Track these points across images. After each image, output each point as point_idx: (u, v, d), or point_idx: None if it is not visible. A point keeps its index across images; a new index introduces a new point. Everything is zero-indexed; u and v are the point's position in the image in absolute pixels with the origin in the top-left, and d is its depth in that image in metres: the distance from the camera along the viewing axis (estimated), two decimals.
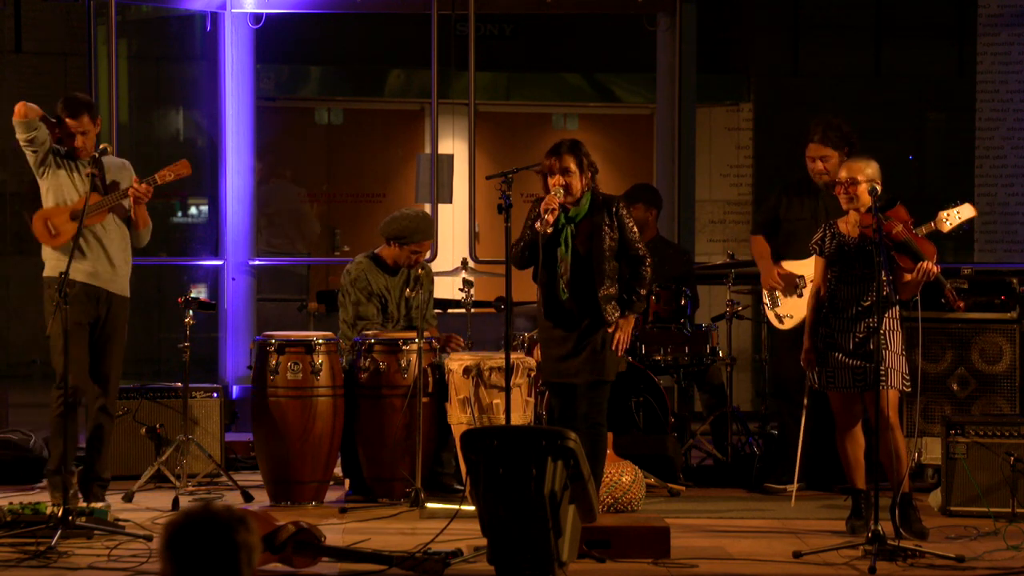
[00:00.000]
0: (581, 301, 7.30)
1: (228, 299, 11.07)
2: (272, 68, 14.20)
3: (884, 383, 7.16)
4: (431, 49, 11.01)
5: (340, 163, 14.94)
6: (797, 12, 14.45)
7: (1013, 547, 6.97)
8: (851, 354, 7.28)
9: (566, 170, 7.28)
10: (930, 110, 14.36)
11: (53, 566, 6.55)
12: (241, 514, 3.27)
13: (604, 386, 7.38)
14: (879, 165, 7.38)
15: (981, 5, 11.81)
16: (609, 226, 7.33)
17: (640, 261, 7.39)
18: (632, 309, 7.39)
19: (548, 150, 7.37)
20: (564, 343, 7.32)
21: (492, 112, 14.22)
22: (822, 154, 8.49)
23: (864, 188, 7.28)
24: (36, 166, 7.83)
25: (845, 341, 7.30)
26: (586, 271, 7.30)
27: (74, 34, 13.26)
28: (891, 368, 7.23)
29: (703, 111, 13.37)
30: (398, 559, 6.44)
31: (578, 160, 7.30)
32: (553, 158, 7.31)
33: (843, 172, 7.42)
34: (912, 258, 7.33)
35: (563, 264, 7.27)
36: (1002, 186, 11.72)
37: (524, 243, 7.30)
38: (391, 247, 8.67)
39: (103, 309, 7.77)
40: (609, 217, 7.34)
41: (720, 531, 7.56)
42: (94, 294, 7.74)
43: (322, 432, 8.12)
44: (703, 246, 13.78)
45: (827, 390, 7.42)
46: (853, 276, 7.34)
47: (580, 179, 7.29)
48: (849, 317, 7.32)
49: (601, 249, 7.30)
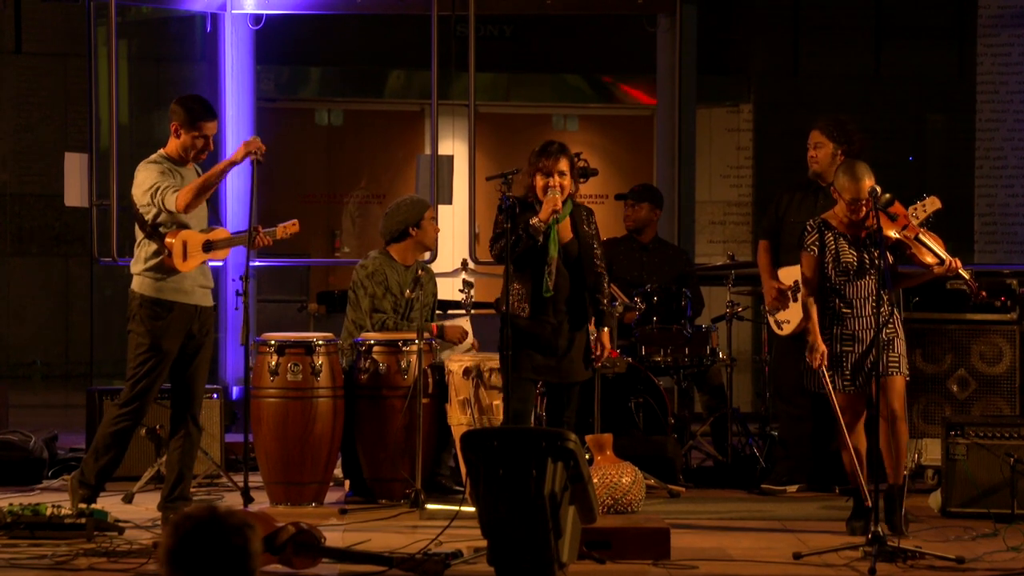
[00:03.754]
0: (566, 301, 7.35)
1: (228, 300, 11.06)
2: (272, 69, 14.20)
3: (896, 369, 7.23)
4: (431, 50, 11.01)
5: (340, 164, 14.94)
6: (797, 12, 14.45)
7: (1013, 548, 6.96)
8: (868, 349, 7.25)
9: (561, 172, 7.34)
10: (930, 111, 14.36)
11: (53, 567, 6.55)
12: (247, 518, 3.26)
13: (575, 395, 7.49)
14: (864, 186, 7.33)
15: (981, 6, 11.81)
16: (589, 232, 7.44)
17: (602, 276, 7.51)
18: (605, 321, 7.49)
19: (538, 150, 7.40)
20: (548, 343, 7.33)
21: (492, 113, 14.22)
22: (817, 141, 8.57)
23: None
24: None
25: (866, 339, 7.27)
26: (573, 271, 7.37)
27: (74, 34, 13.25)
28: (900, 355, 7.29)
29: (703, 112, 13.37)
30: (398, 560, 6.44)
31: (570, 162, 7.38)
32: (549, 160, 7.34)
33: (861, 192, 7.31)
34: (932, 253, 7.38)
35: (552, 263, 7.31)
36: (1002, 187, 11.72)
37: (516, 238, 7.30)
38: (403, 242, 8.67)
39: (196, 325, 7.64)
40: (588, 224, 7.46)
41: (720, 532, 7.56)
42: (191, 312, 7.63)
43: (322, 433, 8.12)
44: (703, 247, 13.79)
45: (844, 392, 7.33)
46: (864, 272, 7.28)
47: (570, 181, 7.37)
48: (865, 315, 7.30)
49: (589, 250, 7.40)
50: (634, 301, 9.00)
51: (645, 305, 9.06)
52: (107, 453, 7.55)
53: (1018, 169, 11.70)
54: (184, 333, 7.53)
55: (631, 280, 9.37)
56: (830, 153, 8.52)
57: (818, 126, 8.60)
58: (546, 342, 7.35)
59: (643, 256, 9.58)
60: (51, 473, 9.06)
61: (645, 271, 9.48)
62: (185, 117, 7.53)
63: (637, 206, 9.64)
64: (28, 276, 14.90)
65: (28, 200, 14.80)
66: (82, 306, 13.41)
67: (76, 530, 7.02)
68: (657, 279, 9.33)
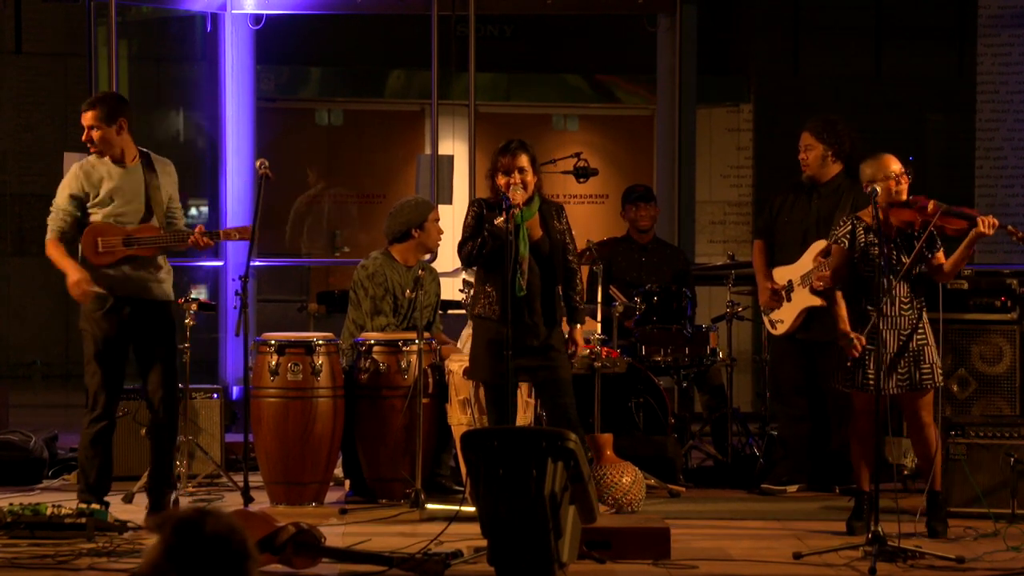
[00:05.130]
0: (538, 299, 7.37)
1: (228, 300, 11.07)
2: (272, 69, 14.20)
3: (931, 382, 7.24)
4: (431, 50, 11.01)
5: (340, 164, 14.94)
6: (797, 13, 14.45)
7: (1013, 548, 6.96)
8: (896, 356, 7.22)
9: (521, 168, 7.35)
10: (930, 111, 14.37)
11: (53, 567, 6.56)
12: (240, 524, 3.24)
13: (568, 385, 7.46)
14: (886, 164, 7.32)
15: (981, 6, 11.81)
16: (560, 228, 7.44)
17: (574, 272, 7.52)
18: (577, 318, 7.50)
19: (499, 148, 7.43)
20: (520, 341, 7.31)
21: (492, 113, 14.22)
22: (807, 143, 8.57)
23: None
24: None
25: (891, 340, 7.25)
26: (544, 268, 7.39)
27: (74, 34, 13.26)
28: (933, 364, 7.28)
29: (703, 112, 13.38)
30: (398, 560, 6.44)
31: (531, 157, 7.39)
32: (507, 156, 7.37)
33: (897, 166, 7.35)
34: (960, 219, 7.32)
35: (523, 262, 7.31)
36: (1002, 187, 11.72)
37: (482, 240, 7.31)
38: (405, 243, 8.67)
39: (138, 318, 7.59)
40: (559, 220, 7.46)
41: (720, 532, 7.56)
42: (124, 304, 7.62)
43: (322, 433, 8.12)
44: (703, 247, 13.79)
45: (861, 391, 7.26)
46: (893, 269, 7.24)
47: (532, 177, 7.37)
48: (893, 315, 7.27)
49: (559, 245, 7.41)
50: (634, 301, 9.00)
51: (645, 305, 9.06)
52: (90, 462, 7.56)
53: (1018, 169, 11.70)
54: (117, 325, 7.49)
55: (630, 280, 9.36)
56: (820, 155, 8.52)
57: (807, 128, 8.59)
58: (521, 343, 7.34)
59: (642, 256, 9.58)
60: (51, 473, 9.06)
61: (644, 271, 9.47)
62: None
63: (648, 205, 9.63)
64: (28, 276, 14.89)
65: (28, 200, 14.80)
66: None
67: (76, 530, 7.02)
68: (657, 279, 9.33)
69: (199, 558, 3.14)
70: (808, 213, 8.56)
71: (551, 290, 7.43)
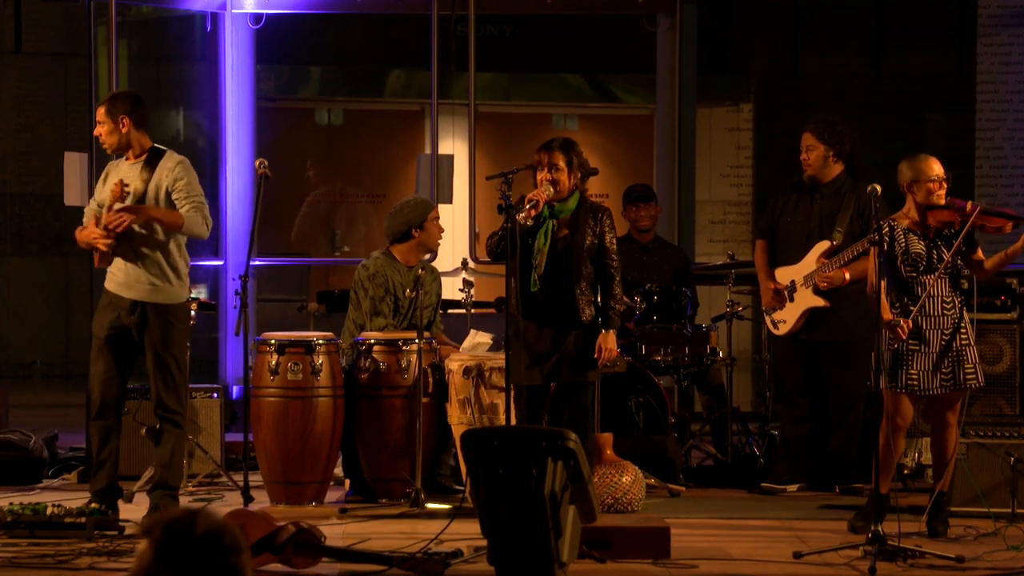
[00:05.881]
0: (554, 297, 7.27)
1: (228, 299, 11.06)
2: (272, 68, 14.20)
3: (974, 380, 7.22)
4: (431, 49, 11.01)
5: (340, 164, 14.94)
6: (797, 12, 14.44)
7: (1013, 548, 6.97)
8: (940, 356, 7.20)
9: (554, 166, 7.29)
10: (930, 111, 14.35)
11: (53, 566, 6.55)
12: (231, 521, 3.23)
13: (587, 388, 7.37)
14: (927, 168, 7.33)
15: (981, 6, 11.81)
16: (592, 230, 7.31)
17: (612, 277, 7.33)
18: (611, 324, 7.32)
19: (540, 145, 7.40)
20: (537, 342, 7.29)
21: (492, 112, 14.22)
22: (808, 143, 8.57)
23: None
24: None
25: (934, 340, 7.21)
26: (563, 267, 7.28)
27: (74, 34, 13.25)
28: (975, 363, 7.25)
29: (703, 112, 13.37)
30: (398, 559, 6.44)
31: (567, 158, 7.31)
32: (544, 153, 7.33)
33: (939, 169, 7.36)
34: (1000, 218, 7.33)
35: (539, 256, 7.26)
36: (1002, 187, 11.72)
37: (502, 232, 7.27)
38: (406, 242, 8.66)
39: (130, 318, 7.59)
40: (594, 221, 7.33)
41: (720, 531, 7.56)
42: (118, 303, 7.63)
43: (322, 432, 8.12)
44: (703, 246, 13.78)
45: (905, 392, 7.19)
46: (932, 268, 7.22)
47: (569, 177, 7.30)
48: (936, 314, 7.23)
49: (581, 247, 7.28)
50: (635, 301, 9.00)
51: (645, 304, 9.06)
52: (97, 460, 7.57)
53: (1018, 169, 11.70)
54: (110, 322, 7.50)
55: (631, 280, 9.35)
56: (821, 155, 8.53)
57: (808, 128, 8.59)
58: (527, 344, 7.29)
59: (643, 256, 9.58)
60: (51, 473, 9.06)
61: (645, 271, 9.47)
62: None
63: (648, 205, 9.63)
64: (28, 276, 14.90)
65: (28, 200, 14.81)
66: (82, 306, 13.39)
67: (76, 529, 7.03)
68: (657, 279, 9.33)
69: (191, 556, 3.14)
70: (811, 214, 8.56)
71: (568, 291, 7.28)
